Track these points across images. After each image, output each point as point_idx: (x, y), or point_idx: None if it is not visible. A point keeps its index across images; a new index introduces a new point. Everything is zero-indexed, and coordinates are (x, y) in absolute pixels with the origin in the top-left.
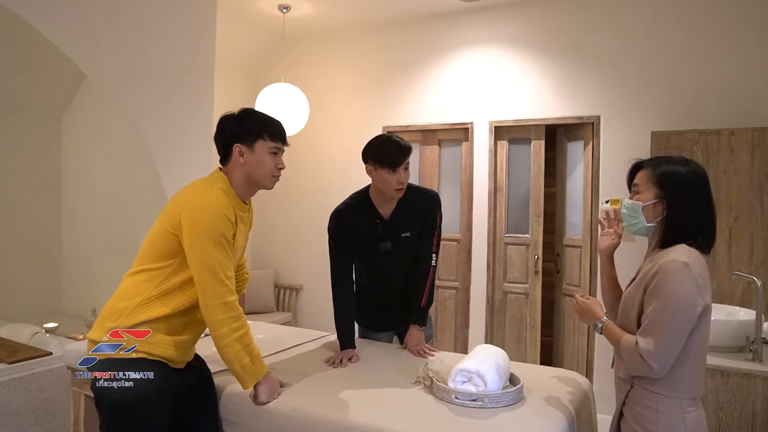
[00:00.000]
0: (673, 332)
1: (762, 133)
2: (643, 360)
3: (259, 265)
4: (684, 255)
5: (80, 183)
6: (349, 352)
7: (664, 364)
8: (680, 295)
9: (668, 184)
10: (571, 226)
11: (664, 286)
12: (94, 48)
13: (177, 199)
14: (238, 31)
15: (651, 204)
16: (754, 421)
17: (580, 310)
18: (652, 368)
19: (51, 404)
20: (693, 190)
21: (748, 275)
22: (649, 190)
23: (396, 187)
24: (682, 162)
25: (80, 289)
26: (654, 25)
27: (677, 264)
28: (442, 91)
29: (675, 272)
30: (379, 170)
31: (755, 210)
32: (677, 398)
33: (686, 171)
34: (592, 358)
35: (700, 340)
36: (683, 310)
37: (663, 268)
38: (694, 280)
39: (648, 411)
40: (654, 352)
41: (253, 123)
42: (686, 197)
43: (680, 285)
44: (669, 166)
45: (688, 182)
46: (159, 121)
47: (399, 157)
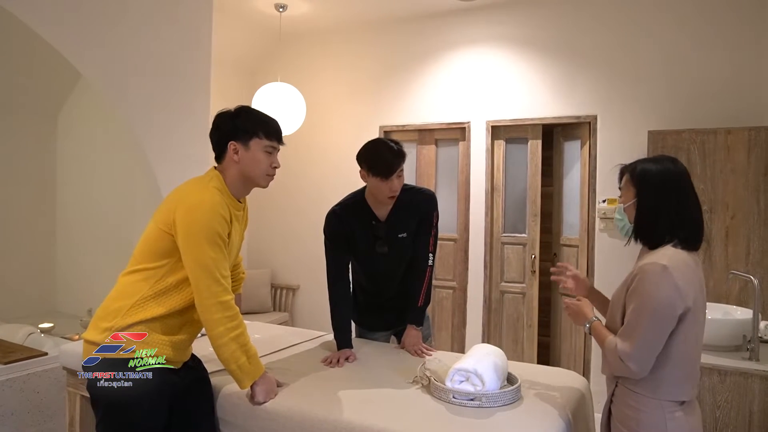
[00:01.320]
0: (649, 334)
1: (758, 133)
2: (622, 361)
3: (256, 265)
4: (665, 257)
5: (76, 182)
6: (346, 352)
7: (642, 365)
8: (656, 298)
9: (640, 183)
10: (568, 225)
11: (641, 289)
12: (90, 47)
13: (172, 197)
14: (235, 30)
15: (631, 204)
16: (751, 419)
17: (571, 312)
18: (630, 369)
19: (46, 405)
20: (661, 188)
21: (745, 274)
22: (629, 191)
23: (388, 195)
24: (656, 160)
25: (75, 289)
26: (651, 24)
27: (655, 267)
28: (439, 90)
29: (652, 274)
30: (372, 178)
31: (752, 209)
32: (659, 399)
33: (656, 169)
34: (589, 358)
35: (684, 343)
36: (660, 313)
37: (642, 270)
38: (673, 283)
39: (631, 411)
40: (631, 353)
41: (249, 121)
42: (653, 195)
43: (657, 287)
44: (642, 164)
45: (656, 180)
46: (155, 121)
47: (391, 166)
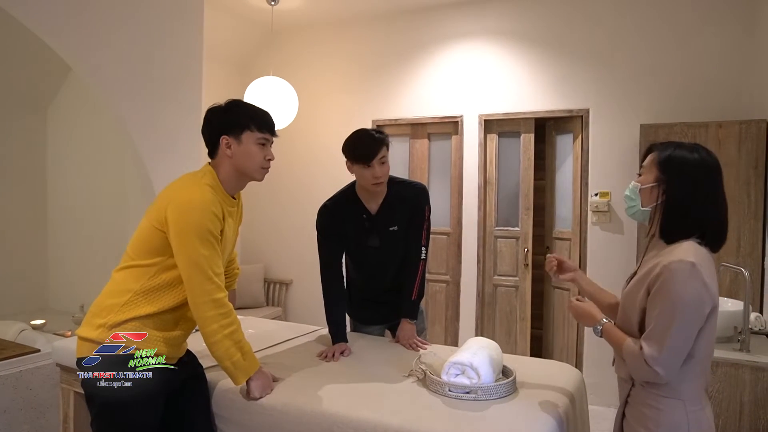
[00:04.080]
0: (679, 337)
1: (749, 126)
2: (649, 366)
3: (249, 260)
4: (690, 254)
5: (67, 177)
6: (341, 346)
7: (671, 369)
8: (687, 298)
9: (669, 168)
10: (560, 219)
11: (669, 289)
12: (80, 40)
13: (164, 194)
14: (227, 25)
15: (648, 187)
16: (742, 410)
17: (576, 314)
18: (658, 374)
19: (39, 402)
20: (695, 178)
21: (736, 266)
22: (651, 173)
23: (372, 181)
24: (691, 148)
25: (67, 286)
26: (642, 18)
27: (683, 264)
28: (432, 84)
29: (681, 273)
30: (355, 165)
31: (742, 201)
32: (680, 399)
33: (692, 157)
34: (582, 350)
35: (706, 341)
36: (690, 314)
37: (668, 269)
38: (702, 280)
39: (651, 410)
40: (660, 358)
41: (240, 114)
42: (686, 184)
43: (686, 287)
44: (675, 150)
45: (691, 169)
46: (146, 115)
47: (370, 151)
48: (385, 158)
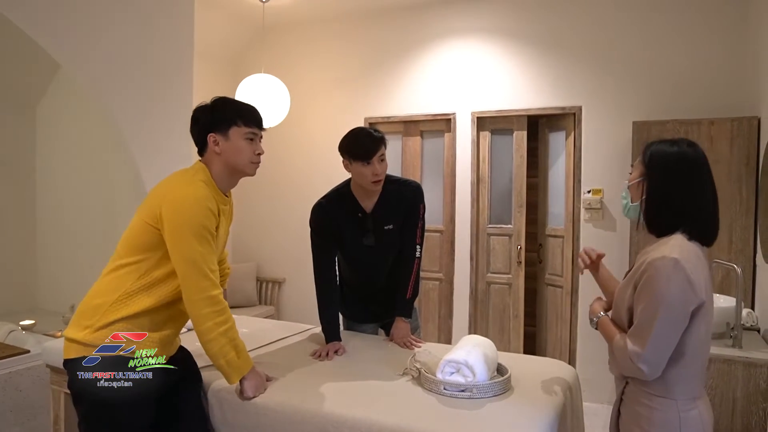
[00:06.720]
0: (662, 335)
1: (741, 123)
2: (633, 362)
3: (241, 259)
4: (675, 250)
5: (56, 176)
6: (335, 345)
7: (655, 367)
8: (668, 296)
9: (651, 162)
10: (553, 216)
11: (653, 286)
12: (68, 37)
13: (157, 191)
14: (217, 22)
15: (635, 183)
16: (735, 405)
17: None
18: (642, 371)
19: (29, 403)
20: (673, 169)
21: (728, 263)
22: (637, 169)
23: (372, 179)
24: (672, 142)
25: (57, 286)
26: (635, 16)
27: (666, 261)
28: (425, 81)
29: (664, 269)
30: (354, 163)
31: (734, 198)
32: (673, 398)
33: (671, 150)
34: (575, 347)
35: (697, 339)
36: (673, 311)
37: (652, 265)
38: (686, 277)
39: (644, 409)
40: (643, 355)
41: (226, 110)
42: (664, 176)
43: (669, 284)
44: (658, 145)
45: (672, 162)
46: (137, 113)
47: (371, 148)
48: (384, 156)
